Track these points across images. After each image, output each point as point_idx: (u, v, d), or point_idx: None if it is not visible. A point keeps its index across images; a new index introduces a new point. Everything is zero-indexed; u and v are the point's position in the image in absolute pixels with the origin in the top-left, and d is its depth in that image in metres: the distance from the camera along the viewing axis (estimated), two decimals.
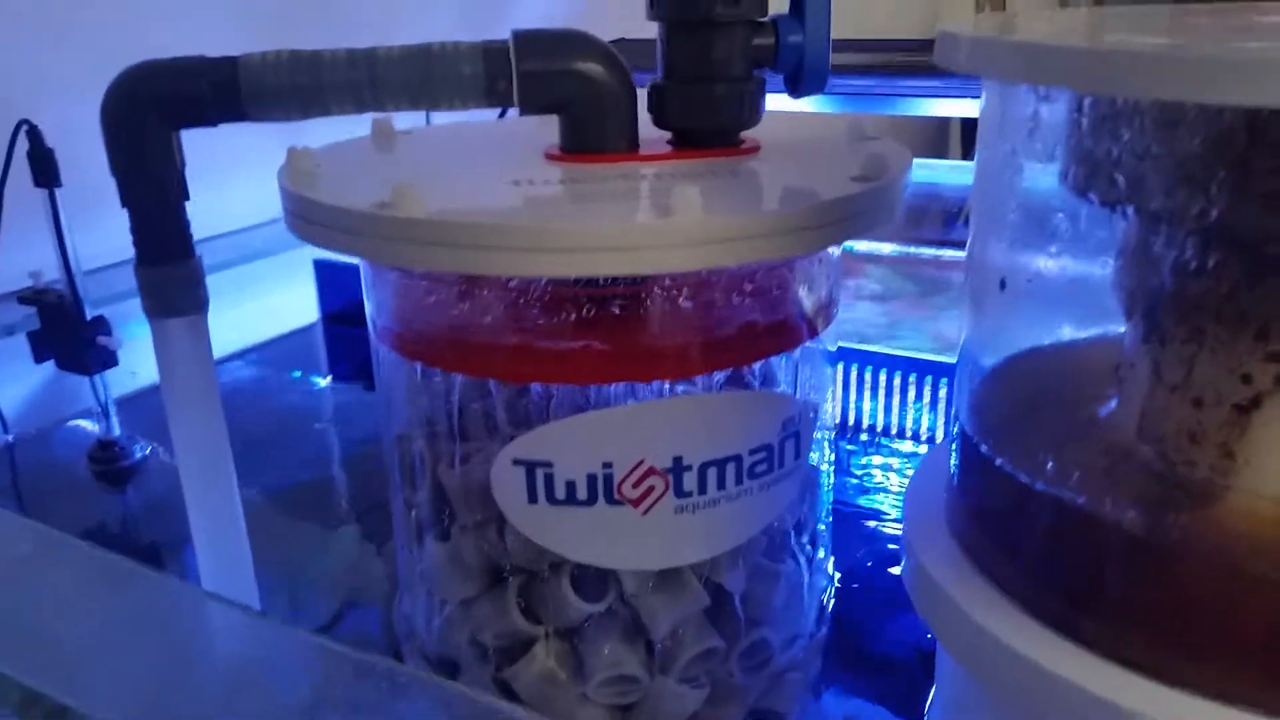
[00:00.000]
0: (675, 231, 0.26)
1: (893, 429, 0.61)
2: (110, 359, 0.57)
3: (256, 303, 0.75)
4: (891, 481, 0.57)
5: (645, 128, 0.35)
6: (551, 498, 0.32)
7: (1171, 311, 0.23)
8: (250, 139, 0.54)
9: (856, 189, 0.29)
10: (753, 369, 0.34)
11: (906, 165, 0.32)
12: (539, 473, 0.32)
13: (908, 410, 0.60)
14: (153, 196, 0.33)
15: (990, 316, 0.29)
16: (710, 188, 0.30)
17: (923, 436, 0.60)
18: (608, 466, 0.31)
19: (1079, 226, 0.24)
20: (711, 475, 0.32)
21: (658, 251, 0.26)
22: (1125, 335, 0.25)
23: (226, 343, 0.72)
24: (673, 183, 0.27)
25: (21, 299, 0.57)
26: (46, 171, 0.51)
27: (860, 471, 0.58)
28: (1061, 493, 0.24)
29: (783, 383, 0.36)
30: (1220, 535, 0.23)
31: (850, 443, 0.61)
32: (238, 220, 0.74)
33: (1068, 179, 0.23)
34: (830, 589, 0.42)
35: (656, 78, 0.34)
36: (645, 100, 0.35)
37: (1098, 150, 0.21)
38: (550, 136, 0.36)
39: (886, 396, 0.60)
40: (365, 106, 0.32)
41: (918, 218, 0.77)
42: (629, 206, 0.30)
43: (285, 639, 0.30)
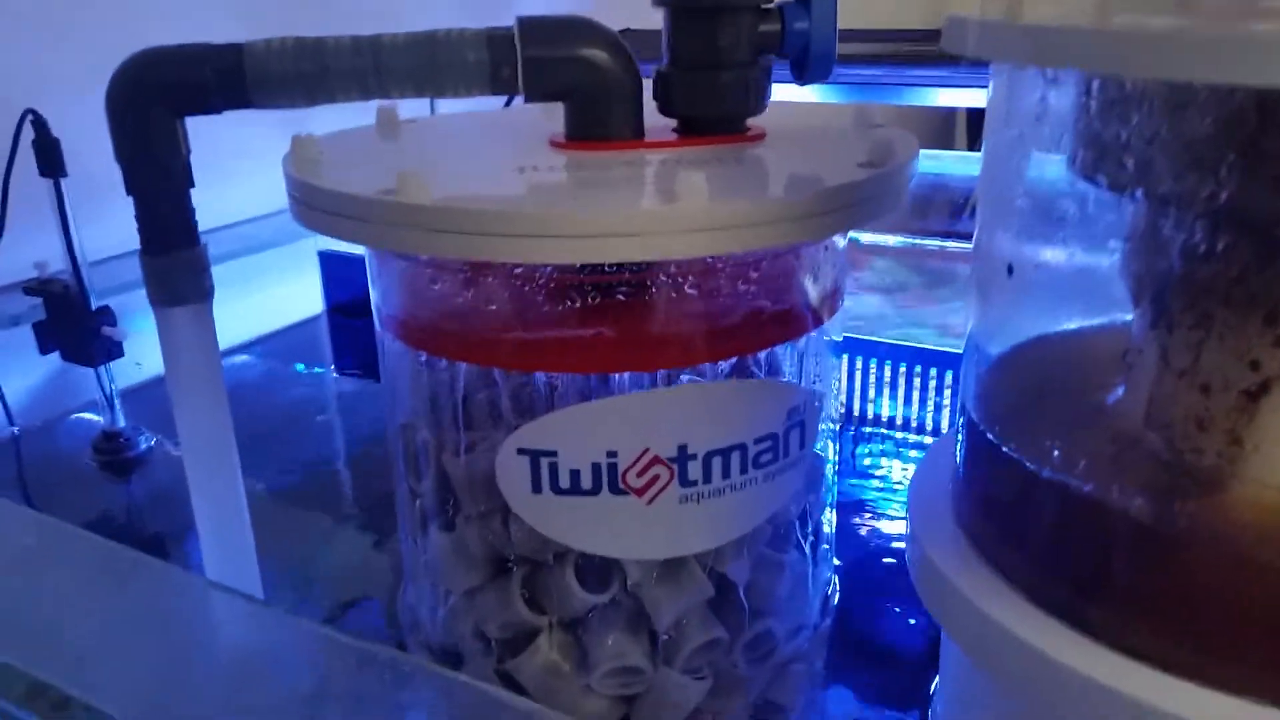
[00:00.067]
0: (681, 217, 0.26)
1: (898, 420, 0.61)
2: (115, 350, 0.57)
3: (261, 295, 0.75)
4: (895, 472, 0.57)
5: (651, 115, 0.35)
6: (556, 487, 0.32)
7: (1180, 297, 0.22)
8: (254, 130, 0.54)
9: (863, 175, 0.29)
10: (758, 358, 0.34)
11: (913, 152, 0.32)
12: (544, 462, 0.32)
13: (912, 401, 0.60)
14: (158, 184, 0.33)
15: (997, 304, 0.28)
16: (716, 174, 0.30)
17: (928, 427, 0.60)
18: (612, 456, 0.31)
19: (1087, 212, 0.24)
20: (716, 464, 0.32)
21: (663, 238, 0.26)
22: (1133, 322, 0.25)
23: (231, 335, 0.72)
24: (678, 169, 0.27)
25: (27, 290, 0.57)
26: (52, 161, 0.51)
27: (865, 462, 0.58)
28: (1068, 480, 0.24)
29: (788, 372, 0.35)
30: (1227, 523, 0.22)
31: (855, 433, 0.61)
32: (242, 212, 0.74)
33: (1076, 163, 0.23)
34: (834, 580, 0.42)
35: (662, 65, 0.34)
36: (651, 89, 0.35)
37: (1106, 134, 0.21)
38: (555, 125, 0.36)
39: (892, 388, 0.60)
40: (370, 94, 0.32)
41: (923, 209, 0.77)
42: (634, 193, 0.29)
43: (289, 629, 0.30)
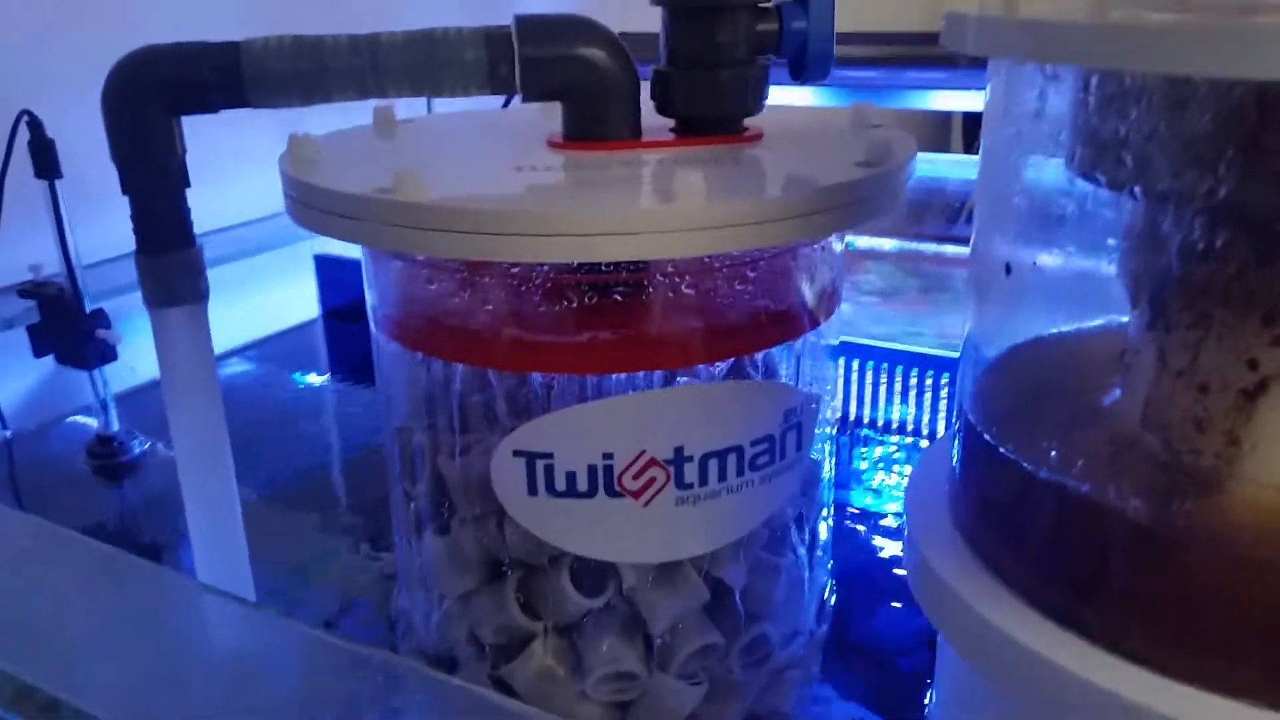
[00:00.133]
0: (678, 216, 0.26)
1: (894, 424, 0.60)
2: (110, 353, 0.57)
3: (257, 298, 0.75)
4: (891, 476, 0.57)
5: (648, 115, 0.35)
6: (552, 489, 0.32)
7: (1178, 296, 0.22)
8: (250, 133, 0.54)
9: (861, 174, 0.29)
10: (755, 360, 0.34)
11: (911, 151, 0.32)
12: (539, 464, 0.32)
13: (909, 405, 0.60)
14: (154, 183, 0.33)
15: (995, 305, 0.28)
16: (713, 174, 0.30)
17: (924, 431, 0.60)
18: (608, 457, 0.31)
19: (1085, 211, 0.24)
20: (713, 466, 0.32)
21: (661, 237, 0.26)
22: (1130, 322, 0.25)
23: (226, 338, 0.72)
24: (676, 169, 0.27)
25: (21, 292, 0.56)
26: (47, 162, 0.51)
27: (861, 466, 0.58)
28: (1066, 482, 0.24)
29: (784, 374, 0.35)
30: (1225, 524, 0.22)
31: (851, 437, 0.61)
32: (237, 215, 0.74)
33: (1074, 161, 0.23)
34: (830, 585, 0.42)
35: (660, 64, 0.34)
36: (648, 89, 0.35)
37: (1105, 130, 0.21)
38: (553, 125, 0.36)
39: (888, 391, 0.60)
40: (367, 93, 0.32)
41: (920, 213, 0.77)
42: (632, 192, 0.29)
43: (281, 631, 0.29)
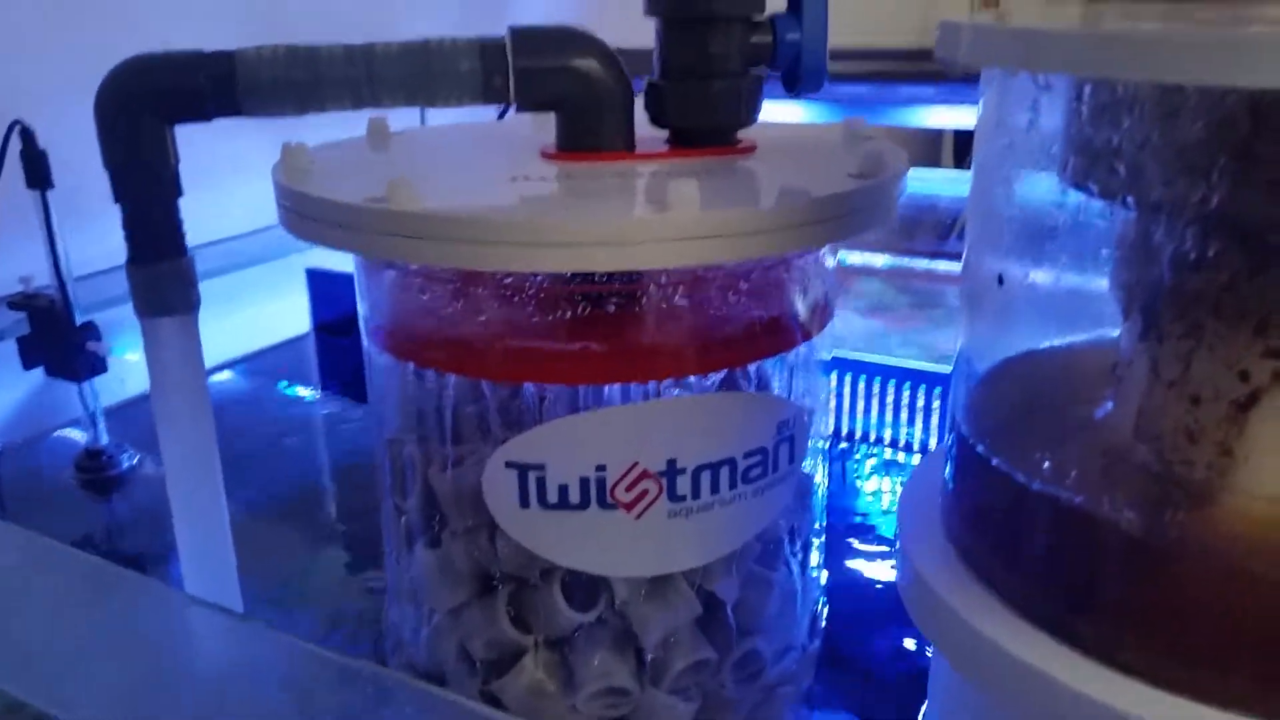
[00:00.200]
0: (672, 226, 0.26)
1: (886, 439, 0.60)
2: (100, 365, 0.56)
3: (248, 312, 0.74)
4: (884, 490, 0.57)
5: (641, 128, 0.35)
6: (544, 501, 0.32)
7: (1170, 306, 0.22)
8: (242, 145, 0.54)
9: (854, 185, 0.29)
10: (747, 372, 0.34)
11: (903, 164, 0.32)
12: (531, 476, 0.31)
13: (900, 420, 0.60)
14: (146, 192, 0.33)
15: (988, 317, 0.28)
16: (707, 184, 0.30)
17: (915, 446, 0.60)
18: (601, 469, 0.31)
19: (1077, 222, 0.24)
20: (705, 479, 0.32)
21: (655, 246, 0.26)
22: (1122, 333, 0.25)
23: (216, 352, 0.71)
24: (669, 179, 0.27)
25: (11, 304, 0.56)
26: (39, 173, 0.51)
27: (851, 480, 0.58)
28: (1058, 494, 0.24)
29: (777, 387, 0.35)
30: (1218, 535, 0.22)
31: (843, 451, 0.61)
32: (230, 229, 0.74)
33: (1067, 171, 0.23)
34: (823, 600, 0.41)
35: (653, 76, 0.34)
36: (642, 101, 0.35)
37: (1098, 140, 0.21)
38: (547, 137, 0.36)
39: (880, 405, 0.60)
40: (362, 102, 0.32)
41: (911, 229, 0.78)
42: (626, 202, 0.29)
43: (269, 644, 0.29)
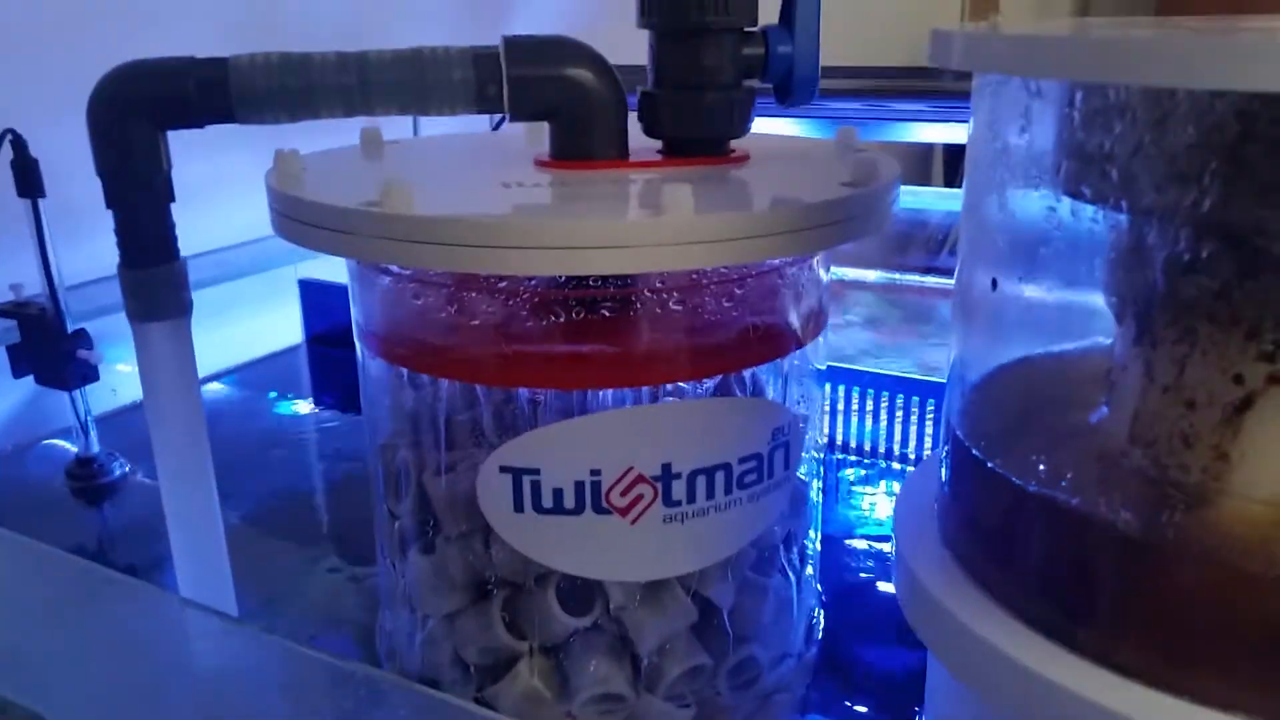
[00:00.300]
0: (667, 230, 0.26)
1: (880, 448, 0.61)
2: (91, 373, 0.56)
3: (240, 324, 0.74)
4: (879, 500, 0.57)
5: (635, 139, 0.35)
6: (539, 506, 0.32)
7: (1163, 311, 0.23)
8: (235, 157, 0.54)
9: (847, 193, 0.29)
10: (742, 378, 0.34)
11: (895, 173, 0.32)
12: (526, 480, 0.31)
13: (894, 430, 0.60)
14: (138, 197, 0.33)
15: (982, 322, 0.29)
16: (702, 190, 0.30)
17: (910, 455, 0.60)
18: (596, 474, 0.31)
19: (1069, 228, 0.24)
20: (700, 484, 0.32)
21: (649, 250, 0.26)
22: (1116, 339, 0.25)
23: (209, 363, 0.71)
24: (663, 184, 0.27)
25: (2, 312, 0.56)
26: (30, 181, 0.50)
27: (844, 491, 0.58)
28: (1055, 497, 0.24)
29: (772, 394, 0.35)
30: (1213, 538, 0.22)
31: (838, 461, 0.61)
32: (222, 240, 0.73)
33: (1060, 176, 0.23)
34: (819, 608, 0.41)
35: (647, 85, 0.34)
36: (636, 111, 0.35)
37: (1090, 145, 0.21)
38: (540, 148, 0.36)
39: (874, 416, 0.60)
40: (355, 110, 0.32)
41: (904, 245, 0.78)
42: (620, 206, 0.29)
43: (263, 646, 0.29)
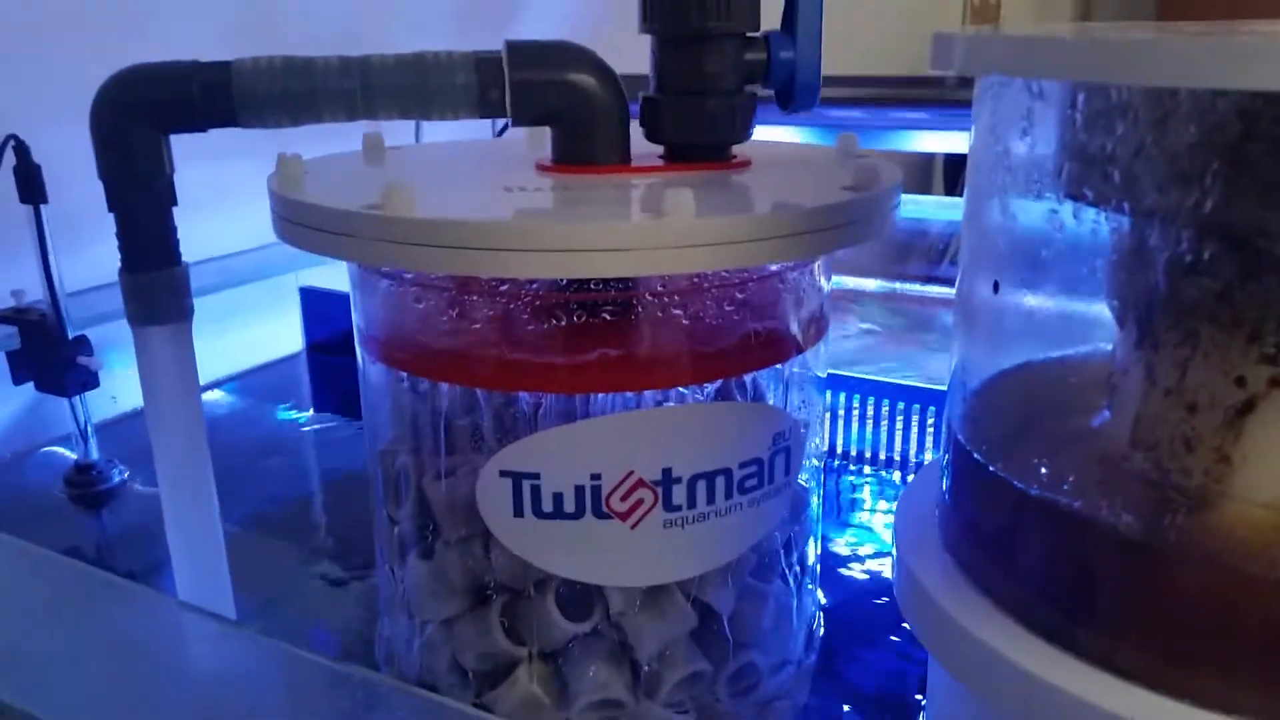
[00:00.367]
0: (669, 233, 0.26)
1: (881, 455, 0.61)
2: (91, 380, 0.56)
3: (241, 332, 0.74)
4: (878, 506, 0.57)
5: (637, 145, 0.35)
6: (538, 510, 0.32)
7: (1165, 314, 0.23)
8: (236, 165, 0.54)
9: (849, 197, 0.29)
10: (742, 383, 0.34)
11: (897, 178, 0.32)
12: (526, 484, 0.31)
13: (895, 438, 0.60)
14: (140, 201, 0.33)
15: (984, 327, 0.29)
16: (703, 194, 0.30)
17: (911, 462, 0.60)
18: (596, 478, 0.31)
19: (1071, 232, 0.24)
20: (701, 489, 0.32)
21: (651, 253, 0.26)
22: (1117, 342, 0.25)
23: (209, 371, 0.71)
24: (666, 188, 0.27)
25: (2, 318, 0.56)
26: (33, 187, 0.50)
27: (845, 499, 0.58)
28: (1056, 501, 0.24)
29: (772, 399, 0.35)
30: (1215, 541, 0.22)
31: (837, 468, 0.61)
32: (222, 248, 0.74)
33: (1061, 178, 0.23)
34: (819, 616, 0.41)
35: (649, 91, 0.34)
36: (638, 116, 0.35)
37: (1092, 146, 0.22)
38: (542, 153, 0.36)
39: (875, 424, 0.60)
40: (357, 114, 0.32)
41: (904, 254, 0.78)
42: (622, 209, 0.29)
43: (260, 649, 0.29)
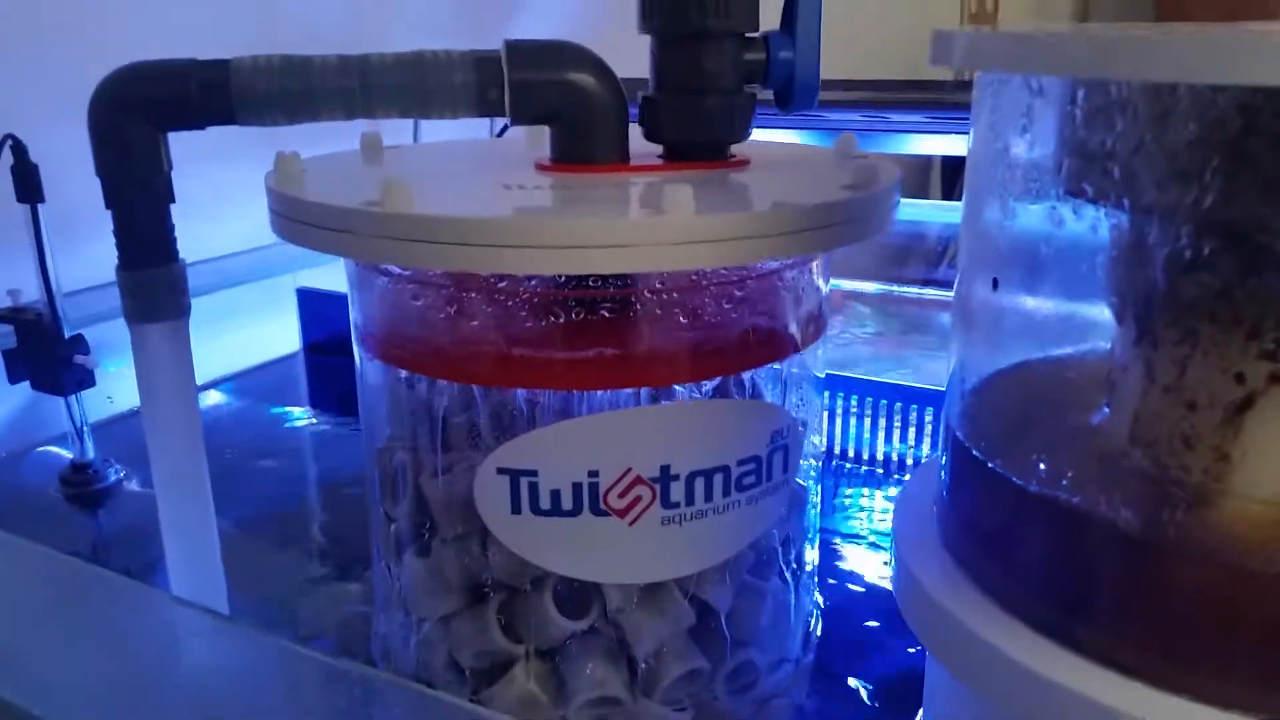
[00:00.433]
0: (667, 229, 0.26)
1: (878, 455, 0.61)
2: (87, 379, 0.56)
3: (238, 332, 0.74)
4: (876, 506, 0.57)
5: (636, 144, 0.35)
6: (536, 508, 0.31)
7: (1164, 311, 0.23)
8: (235, 167, 0.54)
9: (848, 195, 0.29)
10: (741, 380, 0.34)
11: (895, 178, 0.32)
12: (523, 481, 0.31)
13: (893, 438, 0.60)
14: (137, 198, 0.33)
15: (983, 325, 0.29)
16: (703, 192, 0.30)
17: (908, 462, 0.60)
18: (594, 475, 0.31)
19: (1070, 229, 0.24)
20: (699, 486, 0.32)
21: (649, 250, 0.26)
22: (1116, 339, 0.25)
23: (206, 371, 0.71)
24: (664, 186, 0.27)
25: None
26: (30, 186, 0.50)
27: (842, 499, 0.58)
28: (1056, 497, 0.24)
29: (770, 397, 0.35)
30: (1215, 538, 0.22)
31: (835, 468, 0.61)
32: (221, 249, 0.74)
33: (1061, 175, 0.23)
34: (816, 614, 0.41)
35: (648, 90, 0.35)
36: (637, 116, 0.35)
37: (1091, 143, 0.22)
38: (541, 154, 0.36)
39: (873, 424, 0.61)
40: (355, 113, 0.32)
41: (903, 257, 0.79)
42: (621, 206, 0.29)
43: (256, 645, 0.29)
